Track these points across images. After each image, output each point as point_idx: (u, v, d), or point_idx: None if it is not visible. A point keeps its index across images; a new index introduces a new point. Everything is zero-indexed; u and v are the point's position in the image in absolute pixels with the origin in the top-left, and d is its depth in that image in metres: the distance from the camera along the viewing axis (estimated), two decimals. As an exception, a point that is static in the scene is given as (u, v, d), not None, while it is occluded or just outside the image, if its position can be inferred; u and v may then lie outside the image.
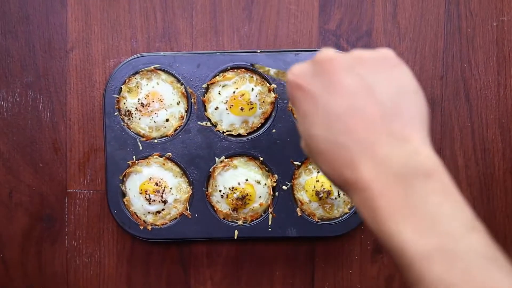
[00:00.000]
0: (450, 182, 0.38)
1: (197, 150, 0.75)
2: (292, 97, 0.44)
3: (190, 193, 0.76)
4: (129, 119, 0.75)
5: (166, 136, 0.75)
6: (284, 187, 0.75)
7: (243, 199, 0.74)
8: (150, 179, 0.75)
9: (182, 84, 0.75)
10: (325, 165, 0.41)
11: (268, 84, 0.75)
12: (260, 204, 0.75)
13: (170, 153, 0.75)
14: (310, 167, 0.76)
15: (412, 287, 0.37)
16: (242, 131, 0.75)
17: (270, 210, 0.75)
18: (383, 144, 0.39)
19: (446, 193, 0.38)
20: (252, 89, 0.74)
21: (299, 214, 0.75)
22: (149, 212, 0.76)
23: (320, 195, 0.74)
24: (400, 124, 0.39)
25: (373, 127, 0.39)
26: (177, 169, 0.76)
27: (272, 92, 0.74)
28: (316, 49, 0.76)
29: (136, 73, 0.75)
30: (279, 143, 0.75)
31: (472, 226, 0.37)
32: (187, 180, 0.76)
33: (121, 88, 0.75)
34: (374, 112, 0.39)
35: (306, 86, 0.42)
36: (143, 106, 0.74)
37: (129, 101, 0.75)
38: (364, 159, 0.39)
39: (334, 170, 0.41)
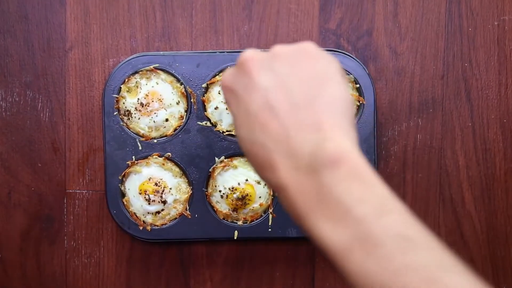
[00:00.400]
0: (361, 166, 0.37)
1: (196, 150, 0.75)
2: (225, 100, 0.44)
3: (189, 193, 0.75)
4: (129, 119, 0.75)
5: (166, 136, 0.75)
6: (284, 187, 0.75)
7: (243, 199, 0.74)
8: (149, 179, 0.75)
9: (181, 83, 0.75)
10: (254, 168, 0.41)
11: (268, 84, 0.74)
12: (260, 205, 0.75)
13: (169, 153, 0.75)
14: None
15: (344, 279, 0.37)
16: (242, 131, 0.75)
17: (270, 210, 0.75)
18: (294, 136, 0.38)
19: (355, 178, 0.36)
20: (252, 89, 0.74)
21: (299, 214, 0.75)
22: (148, 213, 0.75)
23: (321, 195, 0.73)
24: (312, 114, 0.39)
25: (284, 120, 0.38)
26: (177, 169, 0.76)
27: (272, 91, 0.74)
28: (317, 48, 0.76)
29: (136, 72, 0.74)
30: (279, 143, 0.74)
31: (385, 208, 0.36)
32: (186, 180, 0.76)
33: (121, 87, 0.74)
34: (284, 104, 0.39)
35: (231, 87, 0.42)
36: (142, 106, 0.74)
37: (129, 101, 0.74)
38: (279, 156, 0.38)
39: (259, 170, 0.40)
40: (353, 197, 0.36)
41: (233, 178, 0.74)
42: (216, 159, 0.75)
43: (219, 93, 0.74)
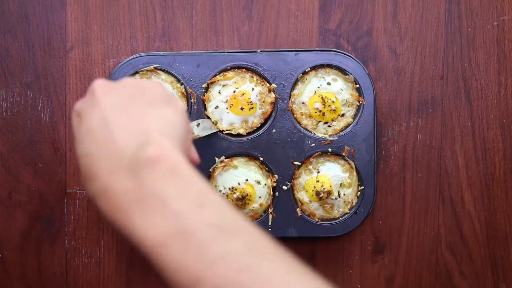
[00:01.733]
0: (180, 164, 0.39)
1: (196, 150, 0.75)
2: (72, 125, 0.46)
3: (190, 193, 0.75)
4: (129, 119, 0.75)
5: (166, 136, 0.75)
6: (284, 187, 0.75)
7: (243, 199, 0.74)
8: (149, 179, 0.75)
9: (182, 84, 0.75)
10: (86, 184, 0.42)
11: (268, 84, 0.75)
12: (260, 205, 0.75)
13: (170, 153, 0.75)
14: (311, 167, 0.76)
15: (161, 276, 0.38)
16: (241, 131, 0.75)
17: (270, 210, 0.75)
18: (119, 141, 0.40)
19: (172, 175, 0.38)
20: (253, 89, 0.74)
21: (299, 214, 0.75)
22: (148, 212, 0.75)
23: (320, 195, 0.73)
24: (141, 124, 0.42)
25: (114, 130, 0.41)
26: (177, 169, 0.75)
27: (272, 92, 0.74)
28: (316, 48, 0.76)
29: (136, 73, 0.74)
30: (279, 143, 0.75)
31: (201, 202, 0.37)
32: (187, 180, 0.76)
33: (121, 88, 0.74)
34: (118, 120, 0.42)
35: (78, 111, 0.45)
36: (142, 106, 0.74)
37: (129, 101, 0.74)
38: (102, 161, 0.40)
39: (88, 186, 0.41)
40: (171, 193, 0.37)
41: (233, 178, 0.74)
42: (216, 159, 0.75)
43: (219, 92, 0.74)
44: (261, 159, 0.75)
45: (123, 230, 0.38)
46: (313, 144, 0.75)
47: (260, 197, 0.75)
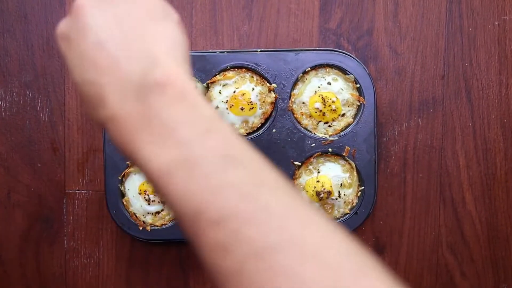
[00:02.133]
0: (188, 89, 0.37)
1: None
2: (61, 51, 0.42)
3: (189, 194, 0.75)
4: (128, 119, 0.74)
5: (166, 136, 0.75)
6: (285, 188, 0.75)
7: (243, 200, 0.73)
8: (149, 180, 0.74)
9: (181, 83, 0.74)
10: (88, 111, 0.40)
11: (268, 84, 0.74)
12: (260, 205, 0.74)
13: (169, 153, 0.74)
14: (311, 167, 0.75)
15: (167, 204, 0.37)
16: (242, 131, 0.75)
17: (270, 210, 0.75)
18: (124, 66, 0.38)
19: (181, 101, 0.36)
20: (253, 89, 0.73)
21: (300, 214, 0.75)
22: (148, 213, 0.75)
23: (321, 196, 0.73)
24: (143, 45, 0.39)
25: (115, 53, 0.38)
26: (177, 169, 0.75)
27: (272, 92, 0.74)
28: (316, 48, 0.76)
29: (135, 72, 0.74)
30: (279, 143, 0.74)
31: (208, 129, 0.36)
32: (186, 181, 0.76)
33: (120, 87, 0.74)
34: (115, 40, 0.39)
35: (65, 34, 0.41)
36: (142, 106, 0.74)
37: (128, 101, 0.74)
38: (109, 88, 0.38)
39: (94, 113, 0.40)
40: (178, 119, 0.36)
41: (233, 178, 0.74)
42: (216, 159, 0.74)
43: (219, 92, 0.74)
44: (261, 159, 0.75)
45: (131, 156, 0.38)
46: (314, 144, 0.74)
47: (260, 197, 0.74)
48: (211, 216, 0.34)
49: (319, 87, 0.74)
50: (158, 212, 0.75)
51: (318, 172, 0.75)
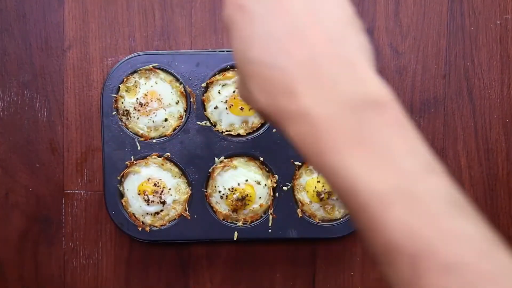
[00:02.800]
0: (405, 116, 0.35)
1: (196, 150, 0.74)
2: (230, 21, 0.38)
3: (189, 194, 0.75)
4: (127, 118, 0.74)
5: (165, 136, 0.74)
6: (285, 188, 0.74)
7: (243, 200, 0.73)
8: (148, 180, 0.74)
9: (181, 83, 0.74)
10: (257, 90, 0.36)
11: (268, 83, 0.74)
12: (260, 205, 0.74)
13: (168, 153, 0.74)
14: (311, 167, 0.75)
15: (364, 231, 0.34)
16: (241, 131, 0.74)
17: (271, 211, 0.74)
18: (326, 67, 0.34)
19: (401, 128, 0.34)
20: (252, 88, 0.73)
21: (300, 215, 0.74)
22: (147, 213, 0.75)
23: (321, 196, 0.73)
24: (344, 49, 0.35)
25: (314, 48, 0.35)
26: (176, 170, 0.75)
27: (272, 91, 0.73)
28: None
29: (134, 72, 0.74)
30: (279, 143, 0.74)
31: (432, 168, 0.34)
32: (186, 181, 0.75)
33: (119, 87, 0.74)
34: (318, 35, 0.35)
35: (248, 7, 0.37)
36: (141, 106, 0.73)
37: (127, 101, 0.74)
38: (305, 83, 0.34)
39: (268, 97, 0.36)
40: (400, 147, 0.33)
41: (233, 178, 0.74)
42: (216, 159, 0.74)
43: (219, 92, 0.73)
44: (261, 159, 0.74)
45: (325, 165, 0.34)
46: (314, 144, 0.74)
47: (260, 197, 0.74)
48: (440, 261, 0.31)
49: (319, 86, 0.74)
50: (157, 213, 0.75)
51: (319, 173, 0.74)
